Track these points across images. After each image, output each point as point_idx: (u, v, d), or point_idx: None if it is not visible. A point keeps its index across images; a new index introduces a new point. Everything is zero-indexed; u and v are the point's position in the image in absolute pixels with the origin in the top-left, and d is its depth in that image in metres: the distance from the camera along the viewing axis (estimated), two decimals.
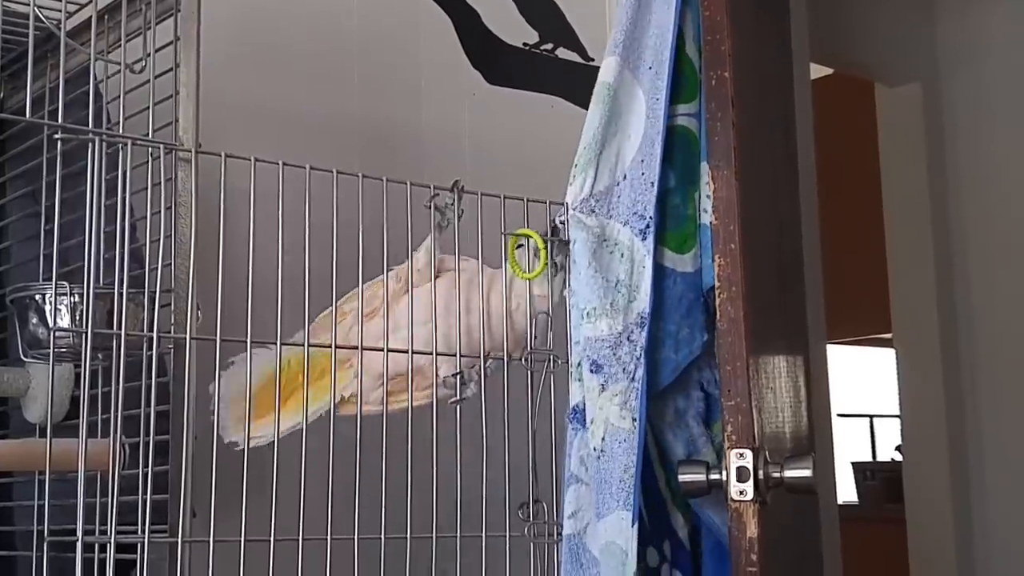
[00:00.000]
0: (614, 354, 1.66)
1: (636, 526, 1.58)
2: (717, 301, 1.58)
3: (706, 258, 1.74)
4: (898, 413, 4.03)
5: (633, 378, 1.65)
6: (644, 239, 1.70)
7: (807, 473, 1.52)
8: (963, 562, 3.77)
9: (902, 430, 4.03)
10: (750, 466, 1.50)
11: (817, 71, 3.52)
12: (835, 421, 3.24)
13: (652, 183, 1.72)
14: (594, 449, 1.65)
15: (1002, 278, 3.87)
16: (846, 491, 5.21)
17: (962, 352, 3.90)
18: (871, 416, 6.44)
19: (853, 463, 5.55)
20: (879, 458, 6.26)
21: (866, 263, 4.31)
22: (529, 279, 1.71)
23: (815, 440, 2.44)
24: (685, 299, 1.74)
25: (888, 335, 4.11)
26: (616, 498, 1.61)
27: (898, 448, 4.48)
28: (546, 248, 1.70)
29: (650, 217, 1.70)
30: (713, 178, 1.62)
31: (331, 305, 1.61)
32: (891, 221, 4.00)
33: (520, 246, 1.72)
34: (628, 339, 1.66)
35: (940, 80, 4.02)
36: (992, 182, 3.91)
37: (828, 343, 3.13)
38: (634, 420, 1.63)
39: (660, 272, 1.72)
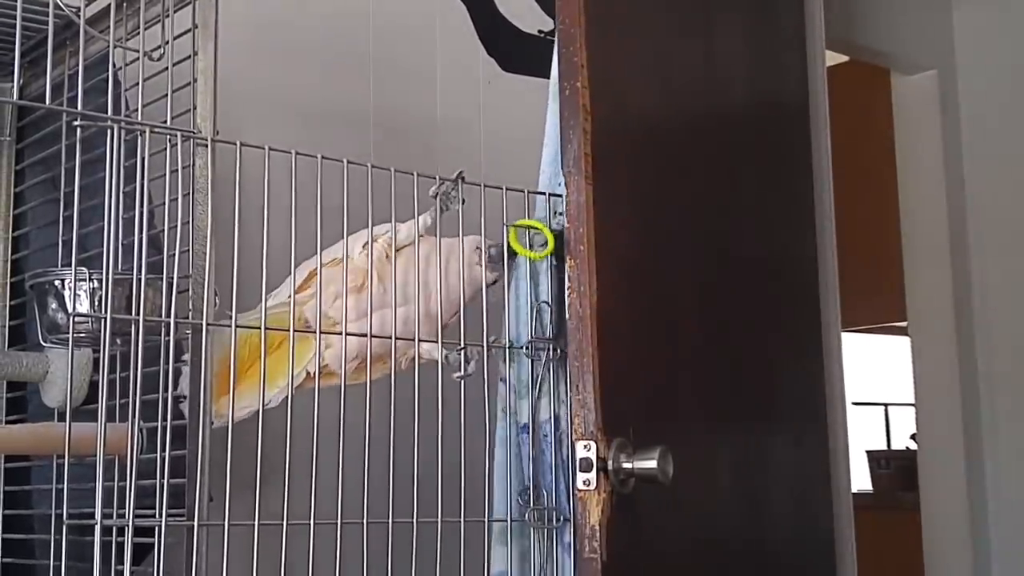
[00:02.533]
0: None
1: None
2: (567, 300, 1.62)
3: None
4: (913, 401, 4.02)
5: None
6: None
7: (651, 465, 1.57)
8: (978, 550, 3.77)
9: (917, 418, 4.02)
10: (593, 457, 1.56)
11: (833, 59, 3.50)
12: (850, 409, 3.23)
13: None
14: None
15: (1017, 266, 3.86)
16: (861, 479, 5.20)
17: (977, 340, 3.89)
18: (886, 404, 6.41)
19: (868, 451, 5.53)
20: (894, 446, 6.23)
21: (881, 251, 4.29)
22: (536, 258, 1.72)
23: (825, 430, 2.45)
24: None
25: (903, 323, 4.10)
26: None
27: (913, 436, 4.47)
28: (554, 238, 1.71)
29: None
30: (566, 183, 1.65)
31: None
32: (906, 209, 3.99)
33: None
34: None
35: (956, 68, 4.00)
36: (1008, 171, 3.90)
37: (843, 331, 3.12)
38: None
39: None
